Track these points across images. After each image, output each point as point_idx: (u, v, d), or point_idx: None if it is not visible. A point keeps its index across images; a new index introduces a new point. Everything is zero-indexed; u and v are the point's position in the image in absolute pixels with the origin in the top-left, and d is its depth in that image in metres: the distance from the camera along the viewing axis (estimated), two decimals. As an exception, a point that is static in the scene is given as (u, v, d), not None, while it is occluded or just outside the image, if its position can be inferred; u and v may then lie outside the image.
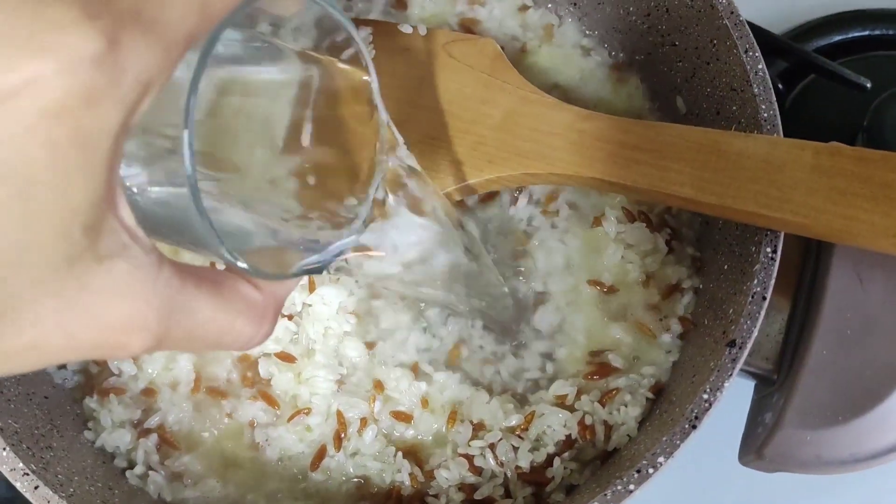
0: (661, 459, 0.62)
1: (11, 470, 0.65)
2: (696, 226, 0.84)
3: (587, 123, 0.76)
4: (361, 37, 0.89)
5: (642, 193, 0.73)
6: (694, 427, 0.63)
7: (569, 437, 0.75)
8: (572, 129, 0.76)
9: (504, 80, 0.82)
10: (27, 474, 0.65)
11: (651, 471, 0.62)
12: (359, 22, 0.92)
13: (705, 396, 0.64)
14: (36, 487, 0.64)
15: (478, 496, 0.74)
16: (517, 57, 0.92)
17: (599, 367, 0.79)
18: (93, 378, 0.83)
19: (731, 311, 0.69)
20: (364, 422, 0.80)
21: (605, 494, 0.62)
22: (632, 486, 0.62)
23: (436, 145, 0.81)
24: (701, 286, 0.81)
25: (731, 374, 0.64)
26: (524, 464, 0.75)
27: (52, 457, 0.69)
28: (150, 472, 0.78)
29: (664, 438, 0.63)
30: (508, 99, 0.81)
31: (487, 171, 0.78)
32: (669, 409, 0.69)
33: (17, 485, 0.64)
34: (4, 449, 0.65)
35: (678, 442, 0.63)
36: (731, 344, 0.65)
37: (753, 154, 0.68)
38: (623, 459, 0.72)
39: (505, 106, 0.80)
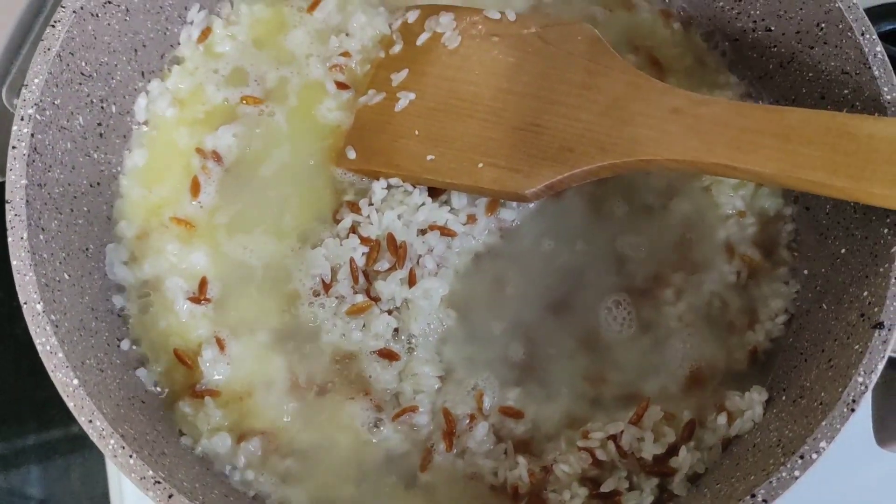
0: (823, 444, 0.61)
1: (142, 479, 0.61)
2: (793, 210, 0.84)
3: (704, 108, 0.74)
4: (444, 23, 0.87)
5: (768, 178, 0.71)
6: (853, 410, 0.62)
7: (691, 422, 0.74)
8: (687, 113, 0.75)
9: (607, 66, 0.80)
10: (158, 482, 0.61)
11: (815, 456, 0.61)
12: (438, 8, 0.89)
13: (860, 379, 0.63)
14: (170, 496, 0.60)
15: (604, 489, 0.73)
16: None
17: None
18: (181, 382, 0.79)
19: (865, 293, 0.68)
20: (473, 418, 0.77)
21: (771, 481, 0.61)
22: (797, 473, 0.61)
23: (540, 132, 0.79)
24: (806, 272, 0.80)
25: (883, 357, 0.63)
26: (647, 455, 0.73)
27: (169, 463, 0.66)
28: (255, 477, 0.75)
29: (823, 423, 0.62)
30: (614, 84, 0.79)
31: (599, 158, 0.76)
32: (807, 395, 0.68)
33: (150, 494, 0.60)
34: (132, 457, 0.61)
35: (838, 426, 0.62)
36: (879, 326, 0.64)
37: (885, 136, 0.67)
38: (751, 446, 0.71)
39: (611, 92, 0.79)
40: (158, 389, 0.78)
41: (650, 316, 0.82)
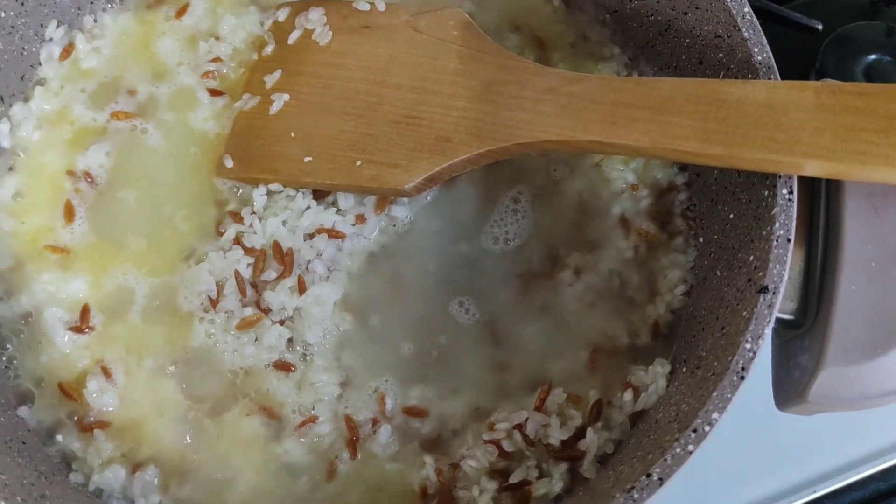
0: (715, 416, 0.60)
1: (13, 528, 0.58)
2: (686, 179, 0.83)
3: (576, 85, 0.73)
4: (314, 19, 0.84)
5: (644, 152, 0.70)
6: (742, 378, 0.61)
7: (598, 402, 0.73)
8: (560, 92, 0.73)
9: (478, 50, 0.78)
10: (31, 531, 0.58)
11: (707, 428, 0.60)
12: (310, 3, 0.86)
13: (748, 346, 0.62)
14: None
15: (513, 480, 0.71)
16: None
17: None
18: (69, 416, 0.75)
19: (751, 258, 0.67)
20: (375, 422, 0.76)
21: (666, 459, 0.59)
22: (690, 447, 0.60)
23: (416, 124, 0.77)
24: (702, 239, 0.80)
25: (769, 321, 0.62)
26: (555, 441, 0.72)
27: (50, 506, 0.63)
28: (154, 507, 0.72)
29: (714, 394, 0.61)
30: (486, 69, 0.77)
31: (476, 145, 0.74)
32: (703, 365, 0.67)
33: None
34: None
35: (729, 395, 0.61)
36: (764, 290, 0.64)
37: (754, 100, 0.67)
38: (653, 422, 0.70)
39: (484, 76, 0.77)
40: (41, 427, 0.74)
41: (549, 299, 0.80)
